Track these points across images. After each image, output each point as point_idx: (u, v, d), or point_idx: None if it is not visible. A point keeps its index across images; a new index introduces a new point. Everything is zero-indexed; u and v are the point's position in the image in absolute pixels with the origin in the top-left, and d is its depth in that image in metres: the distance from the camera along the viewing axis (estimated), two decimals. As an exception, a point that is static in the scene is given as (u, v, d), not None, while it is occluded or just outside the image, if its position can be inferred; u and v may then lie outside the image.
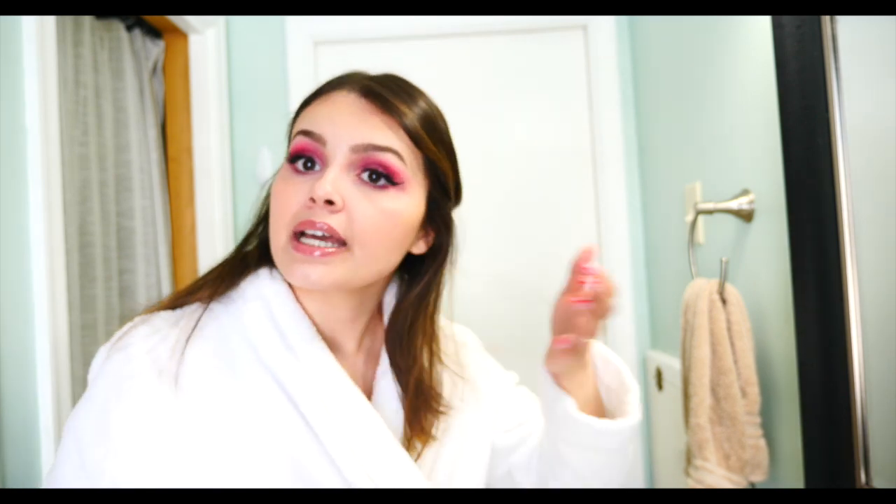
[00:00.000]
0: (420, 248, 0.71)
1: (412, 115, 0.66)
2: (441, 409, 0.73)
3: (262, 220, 0.73)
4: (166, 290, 1.75)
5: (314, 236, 0.62)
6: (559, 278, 0.65)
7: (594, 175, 1.96)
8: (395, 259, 0.68)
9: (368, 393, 0.72)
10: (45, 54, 1.18)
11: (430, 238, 0.72)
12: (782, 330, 1.08)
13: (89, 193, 1.54)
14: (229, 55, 1.94)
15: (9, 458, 1.08)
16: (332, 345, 0.70)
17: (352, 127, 0.63)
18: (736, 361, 1.09)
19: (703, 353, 1.12)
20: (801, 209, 0.88)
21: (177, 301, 0.69)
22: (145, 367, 0.61)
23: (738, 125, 1.21)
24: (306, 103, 0.69)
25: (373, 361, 0.75)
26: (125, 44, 1.71)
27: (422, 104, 0.68)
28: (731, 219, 1.23)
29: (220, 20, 1.89)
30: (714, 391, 1.11)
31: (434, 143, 0.67)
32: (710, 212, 1.23)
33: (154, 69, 1.84)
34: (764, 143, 1.09)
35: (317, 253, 0.62)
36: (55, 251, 1.19)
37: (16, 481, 1.09)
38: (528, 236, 1.94)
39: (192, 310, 0.68)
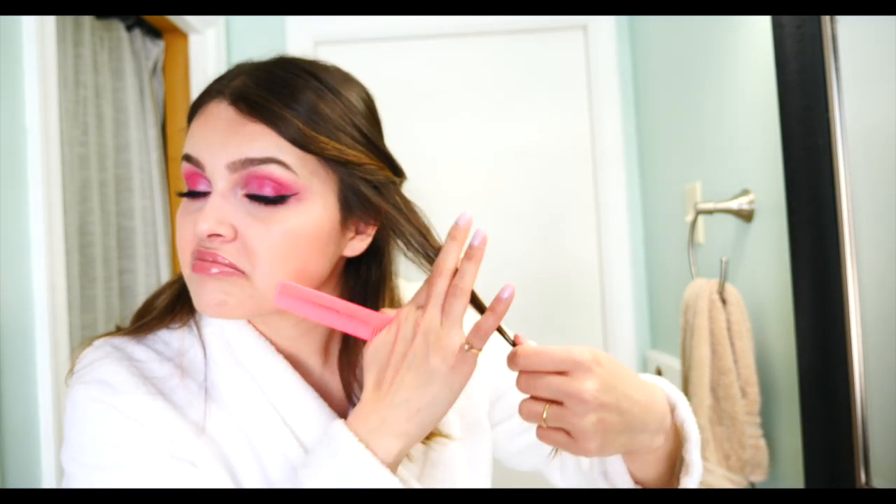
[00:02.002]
0: (355, 249, 0.64)
1: (291, 115, 0.56)
2: None
3: None
4: (166, 290, 1.75)
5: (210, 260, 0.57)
6: (559, 278, 0.65)
7: (594, 175, 1.96)
8: (316, 272, 0.60)
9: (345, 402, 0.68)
10: (45, 54, 1.18)
11: (369, 232, 0.64)
12: (782, 330, 1.08)
13: (89, 193, 1.54)
14: (229, 55, 1.94)
15: (9, 458, 1.08)
16: (295, 362, 0.65)
17: (224, 144, 0.56)
18: (736, 361, 1.10)
19: (703, 353, 1.12)
20: (801, 209, 0.88)
21: (140, 329, 0.64)
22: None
23: (738, 125, 1.21)
24: (189, 118, 0.62)
25: (353, 368, 0.68)
26: (125, 44, 1.71)
27: (309, 95, 0.58)
28: (731, 219, 1.23)
29: (220, 20, 1.89)
30: (714, 391, 1.11)
31: (330, 137, 0.57)
32: (710, 212, 1.23)
33: (154, 69, 1.84)
34: (764, 143, 1.09)
35: (214, 269, 0.56)
36: (55, 251, 1.19)
37: (16, 481, 1.09)
38: (528, 236, 1.94)
39: (166, 337, 0.64)
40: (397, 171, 0.66)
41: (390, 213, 0.61)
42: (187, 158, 0.58)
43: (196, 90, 1.83)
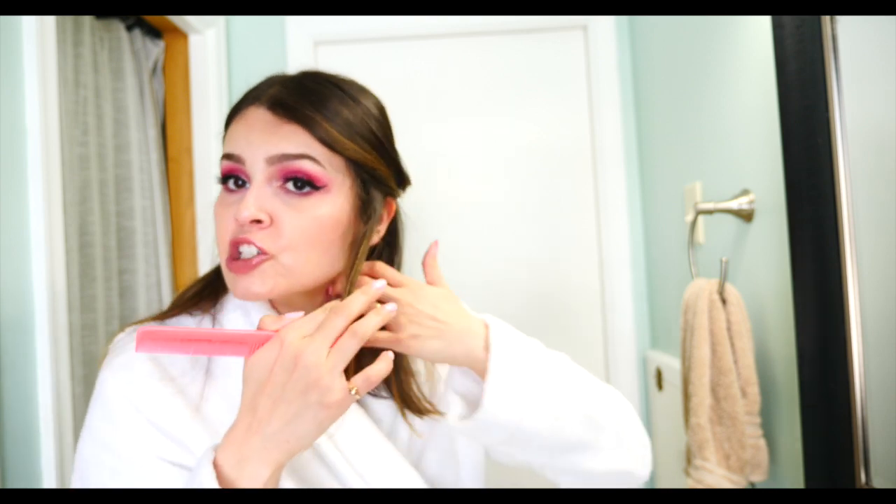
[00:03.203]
0: (371, 238, 0.72)
1: (321, 119, 0.65)
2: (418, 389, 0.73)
3: None
4: (166, 289, 1.75)
5: (247, 253, 0.65)
6: (559, 278, 0.66)
7: (594, 175, 1.96)
8: (335, 257, 0.68)
9: None
10: (45, 54, 1.18)
11: (383, 225, 0.74)
12: (782, 330, 1.08)
13: (89, 193, 1.54)
14: (229, 55, 1.94)
15: (9, 458, 1.08)
16: None
17: (263, 141, 0.65)
18: (736, 361, 1.10)
19: (703, 353, 1.12)
20: (801, 209, 0.88)
21: (164, 317, 0.73)
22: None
23: (738, 125, 1.21)
24: (227, 124, 0.71)
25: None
26: (125, 44, 1.71)
27: (335, 104, 0.67)
28: (731, 219, 1.23)
29: (220, 20, 1.89)
30: (714, 391, 1.11)
31: (353, 142, 0.67)
32: (710, 212, 1.23)
33: (154, 69, 1.84)
34: (764, 143, 1.09)
35: (254, 262, 0.64)
36: (55, 251, 1.19)
37: (16, 481, 1.09)
38: (528, 236, 1.94)
39: (185, 321, 0.73)
40: (403, 179, 0.76)
41: (388, 215, 0.74)
42: (228, 157, 0.67)
43: (196, 90, 1.83)
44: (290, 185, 0.65)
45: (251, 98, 0.69)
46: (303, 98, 0.66)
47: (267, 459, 0.57)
